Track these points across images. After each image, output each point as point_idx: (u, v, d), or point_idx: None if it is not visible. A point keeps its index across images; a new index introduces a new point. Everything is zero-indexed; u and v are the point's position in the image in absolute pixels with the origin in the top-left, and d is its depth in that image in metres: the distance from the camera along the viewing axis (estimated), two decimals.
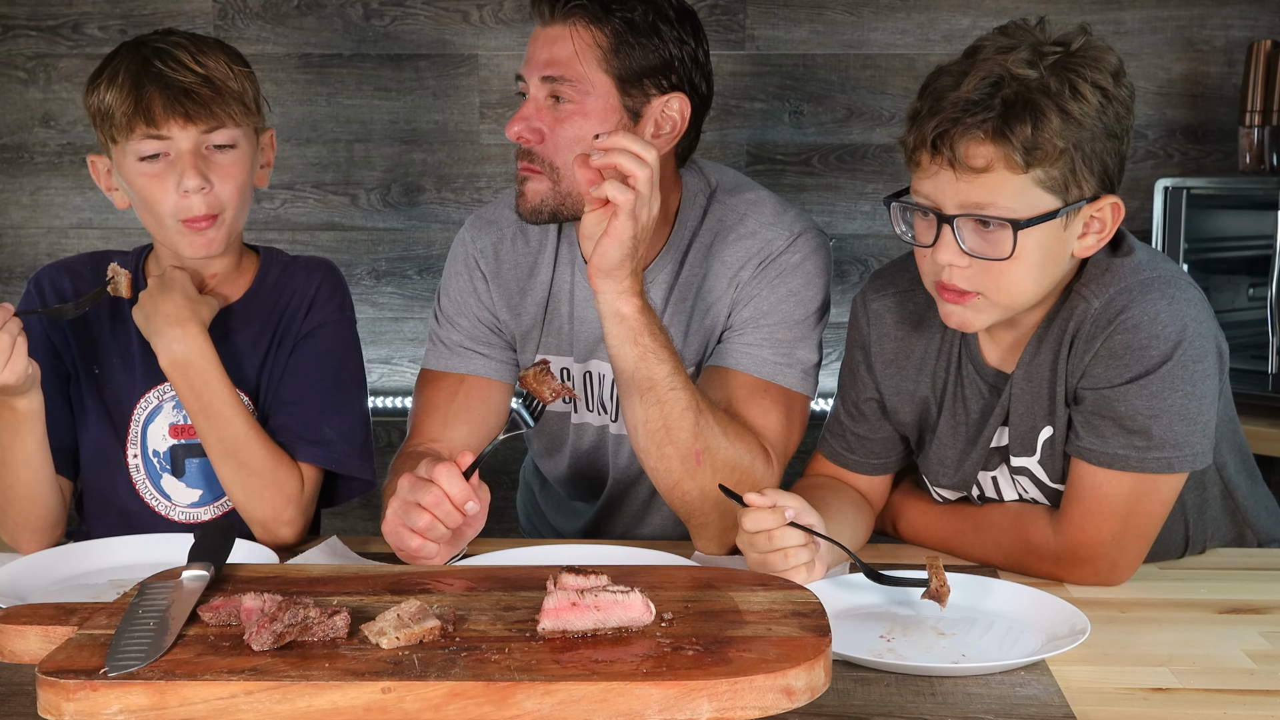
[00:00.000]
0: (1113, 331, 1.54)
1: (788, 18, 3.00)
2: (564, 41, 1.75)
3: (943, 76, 1.52)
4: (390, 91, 3.04)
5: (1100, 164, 1.50)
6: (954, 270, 1.53)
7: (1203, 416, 1.55)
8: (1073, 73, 1.48)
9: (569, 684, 1.05)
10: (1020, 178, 1.47)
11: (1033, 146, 1.45)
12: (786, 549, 1.49)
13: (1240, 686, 1.31)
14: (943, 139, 1.47)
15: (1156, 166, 3.01)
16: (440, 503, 1.50)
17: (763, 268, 1.82)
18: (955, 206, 1.50)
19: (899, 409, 1.75)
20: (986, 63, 1.48)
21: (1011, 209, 1.48)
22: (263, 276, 1.89)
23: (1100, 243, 1.56)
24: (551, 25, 1.76)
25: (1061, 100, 1.46)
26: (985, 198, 1.48)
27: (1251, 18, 2.97)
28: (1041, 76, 1.47)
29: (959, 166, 1.47)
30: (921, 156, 1.51)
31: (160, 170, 1.73)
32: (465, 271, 1.94)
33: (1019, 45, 1.49)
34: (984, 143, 1.46)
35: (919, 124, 1.51)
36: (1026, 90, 1.46)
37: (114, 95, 1.72)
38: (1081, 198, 1.51)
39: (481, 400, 1.91)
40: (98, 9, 3.02)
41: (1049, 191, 1.49)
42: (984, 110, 1.46)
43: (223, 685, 1.05)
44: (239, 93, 1.76)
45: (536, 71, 1.76)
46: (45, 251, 3.09)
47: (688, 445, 1.67)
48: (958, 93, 1.47)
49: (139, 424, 1.84)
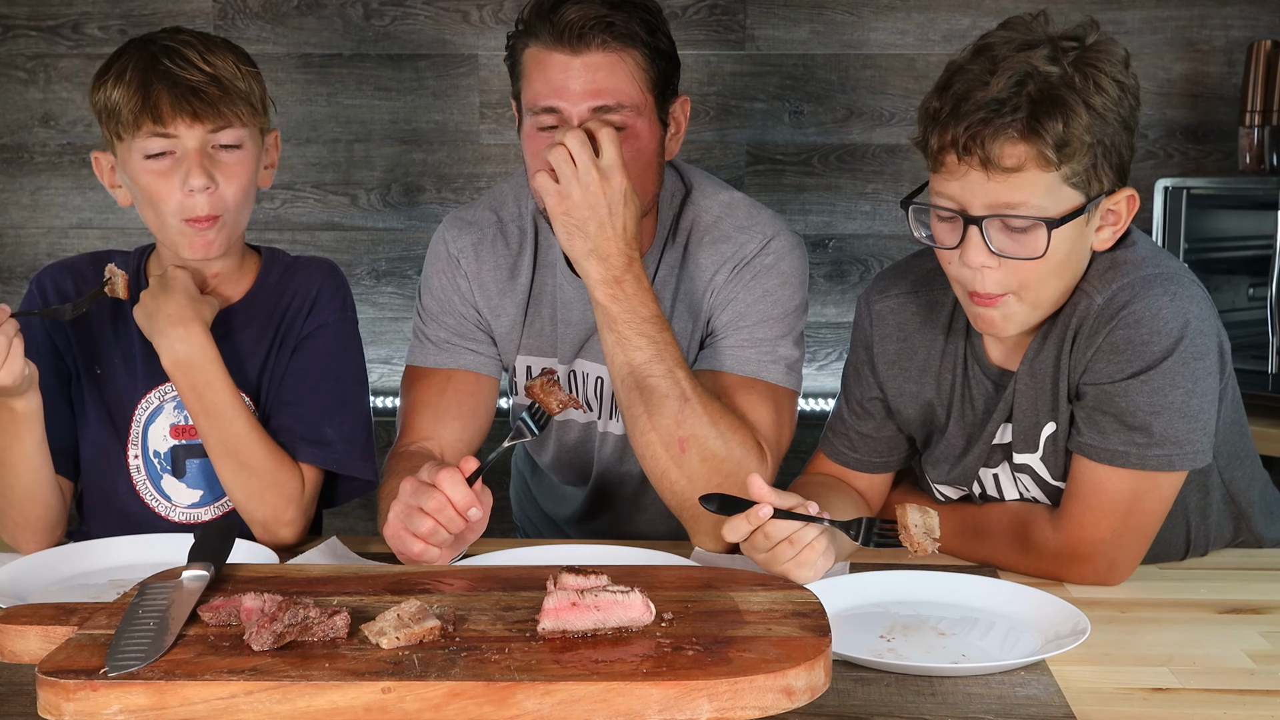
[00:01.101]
0: (1115, 326, 1.54)
1: (788, 18, 3.00)
2: (610, 69, 1.72)
3: (962, 76, 1.49)
4: (390, 91, 3.04)
5: (1118, 156, 1.51)
6: (984, 273, 1.52)
7: (1203, 414, 1.55)
8: (1092, 67, 1.48)
9: (569, 684, 1.05)
10: (1050, 175, 1.47)
11: (1063, 143, 1.45)
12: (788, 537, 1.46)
13: (1240, 686, 1.31)
14: (974, 139, 1.46)
15: (1156, 166, 3.02)
16: (443, 508, 1.50)
17: (737, 271, 1.84)
18: (983, 208, 1.49)
19: (902, 409, 1.76)
20: (1009, 60, 1.47)
21: (1042, 207, 1.48)
22: (264, 277, 1.89)
23: (1115, 235, 1.56)
24: (587, 53, 1.71)
25: (1087, 95, 1.46)
26: (1017, 197, 1.47)
27: (1251, 18, 2.97)
28: (1065, 72, 1.46)
29: (991, 167, 1.46)
30: (948, 158, 1.49)
31: (166, 168, 1.73)
32: (448, 269, 1.95)
33: (1038, 42, 1.48)
34: (1016, 142, 1.45)
35: (943, 125, 1.48)
36: (1052, 87, 1.46)
37: (121, 92, 1.72)
38: (1101, 191, 1.51)
39: (470, 395, 1.92)
40: (98, 9, 3.02)
41: (1075, 188, 1.49)
42: (1013, 109, 1.45)
43: (223, 685, 1.05)
44: (246, 93, 1.76)
45: (583, 102, 1.72)
46: (45, 251, 3.09)
47: (669, 432, 1.68)
48: (985, 92, 1.46)
49: (140, 424, 1.84)
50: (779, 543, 1.46)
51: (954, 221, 1.52)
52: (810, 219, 3.06)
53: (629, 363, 1.67)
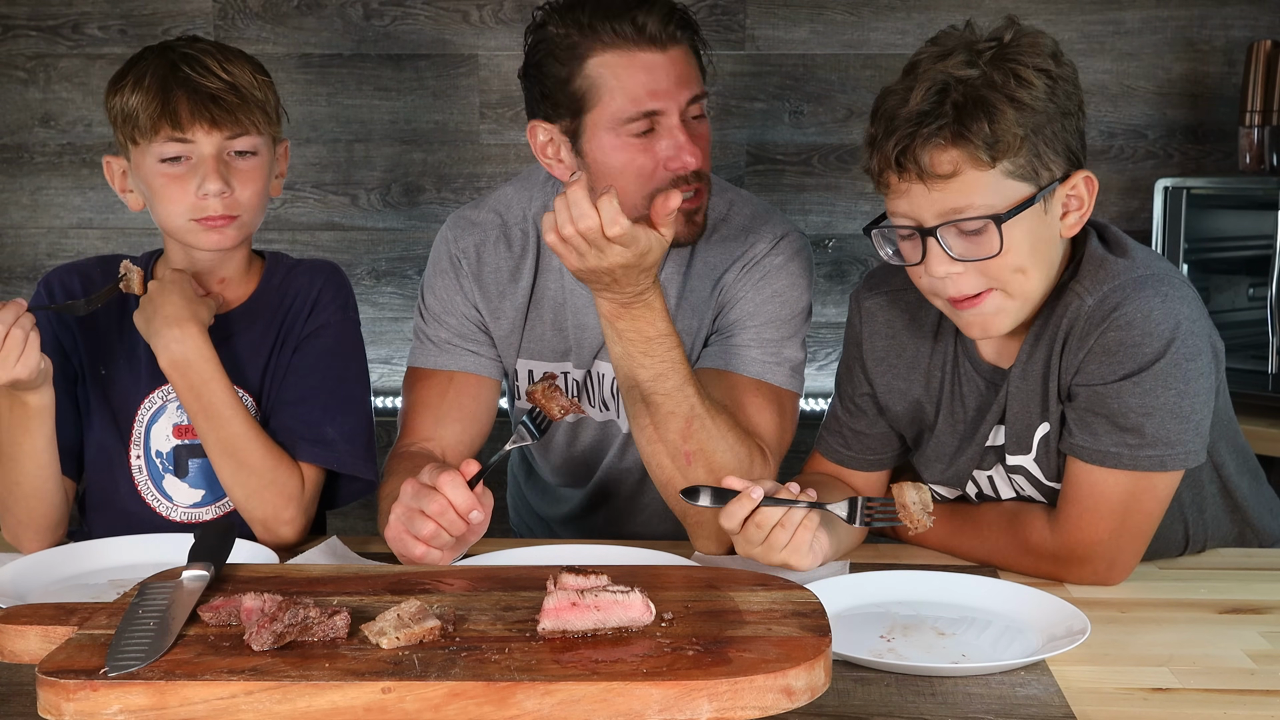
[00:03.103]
0: (1106, 329, 1.54)
1: (788, 18, 3.00)
2: (689, 61, 1.76)
3: (889, 98, 1.53)
4: (390, 91, 3.04)
5: (1062, 143, 1.52)
6: (953, 279, 1.54)
7: (1195, 415, 1.56)
8: (1012, 62, 1.50)
9: (569, 684, 1.05)
10: (989, 173, 1.49)
11: (993, 140, 1.47)
12: (780, 522, 1.50)
13: (1240, 686, 1.31)
14: (905, 155, 1.49)
15: (1156, 166, 3.02)
16: (445, 511, 1.50)
17: (746, 270, 1.84)
18: (934, 217, 1.52)
19: (891, 405, 1.76)
20: (927, 73, 1.50)
21: (989, 205, 1.50)
22: (268, 280, 1.90)
23: (1082, 219, 1.57)
24: (670, 48, 1.74)
25: (1009, 90, 1.48)
26: (961, 201, 1.50)
27: (1251, 18, 2.97)
28: (984, 73, 1.49)
29: (928, 177, 1.49)
30: (889, 178, 1.53)
31: (181, 173, 1.75)
32: (450, 269, 1.94)
33: (954, 50, 1.51)
34: (946, 148, 1.48)
35: (878, 147, 1.52)
36: (973, 89, 1.48)
37: (140, 98, 1.74)
38: (1053, 179, 1.53)
39: (472, 397, 1.92)
40: (98, 9, 3.02)
41: (1020, 180, 1.51)
42: (937, 118, 1.48)
43: (223, 685, 1.05)
44: (263, 102, 1.79)
45: (686, 94, 1.74)
46: (45, 251, 3.09)
47: (676, 445, 1.68)
48: (909, 107, 1.49)
49: (142, 424, 1.84)
50: (772, 529, 1.50)
51: (914, 238, 1.55)
52: (810, 219, 3.06)
53: (633, 377, 1.66)
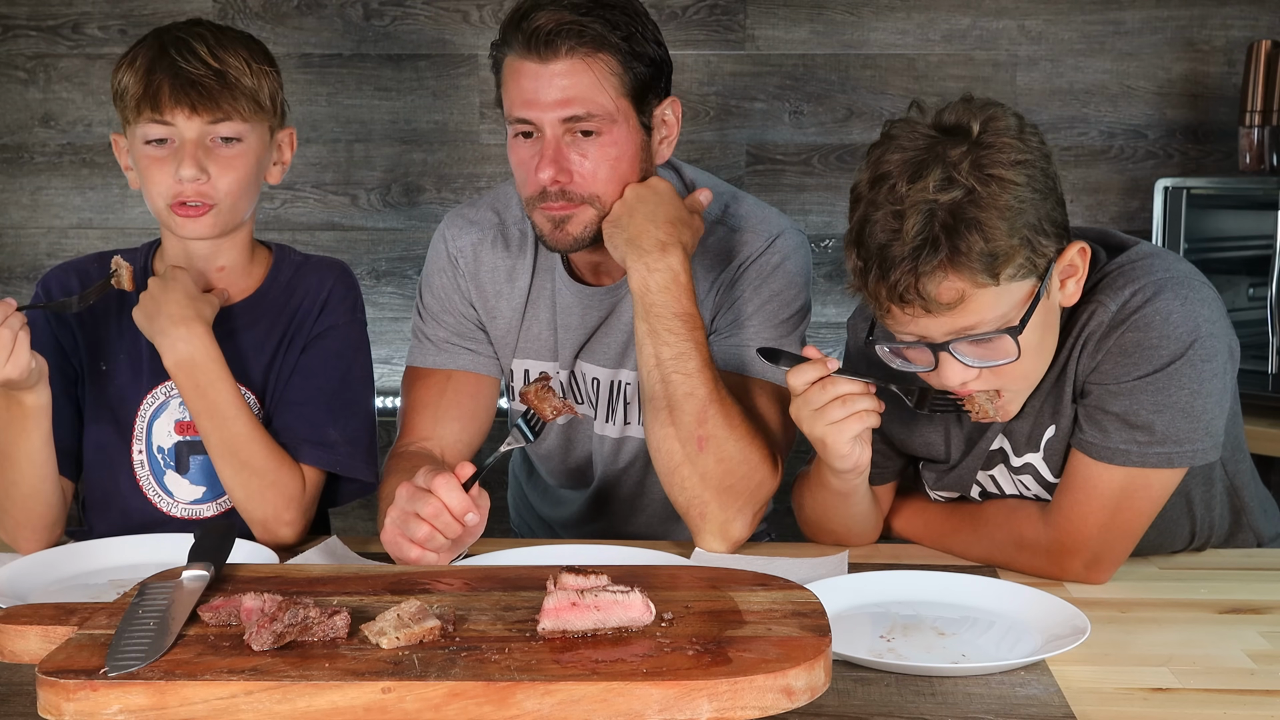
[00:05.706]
0: (1125, 330, 1.54)
1: (788, 18, 3.00)
2: (579, 75, 1.69)
3: (873, 227, 1.46)
4: (390, 91, 3.04)
5: (1050, 224, 1.48)
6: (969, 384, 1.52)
7: (1207, 414, 1.55)
8: (990, 166, 1.43)
9: (569, 684, 1.05)
10: (992, 289, 1.45)
11: (991, 258, 1.43)
12: (843, 395, 1.53)
13: (1240, 686, 1.31)
14: (909, 290, 1.44)
15: (1156, 166, 3.02)
16: (439, 514, 1.50)
17: (743, 270, 1.84)
18: (944, 335, 1.49)
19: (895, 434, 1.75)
20: (908, 197, 1.44)
21: (1001, 316, 1.47)
22: (275, 275, 1.89)
23: (1079, 286, 1.55)
24: (554, 61, 1.69)
25: (995, 200, 1.43)
26: (970, 320, 1.47)
27: (1251, 18, 2.97)
28: (965, 189, 1.43)
29: (935, 307, 1.45)
30: (892, 308, 1.48)
31: (164, 155, 1.76)
32: (448, 268, 1.94)
33: (926, 164, 1.44)
34: (947, 277, 1.44)
35: (875, 285, 1.47)
36: (959, 209, 1.42)
37: (129, 78, 1.76)
38: (1049, 262, 1.49)
39: (470, 396, 1.92)
40: (98, 9, 3.02)
41: (1023, 279, 1.47)
42: (932, 248, 1.42)
43: (223, 685, 1.05)
44: (253, 89, 1.77)
45: (552, 112, 1.70)
46: (45, 251, 3.09)
47: (690, 430, 1.68)
48: (900, 242, 1.43)
49: (144, 420, 1.84)
50: (831, 400, 1.54)
51: (921, 349, 1.52)
52: (810, 219, 3.06)
53: (656, 355, 1.69)
